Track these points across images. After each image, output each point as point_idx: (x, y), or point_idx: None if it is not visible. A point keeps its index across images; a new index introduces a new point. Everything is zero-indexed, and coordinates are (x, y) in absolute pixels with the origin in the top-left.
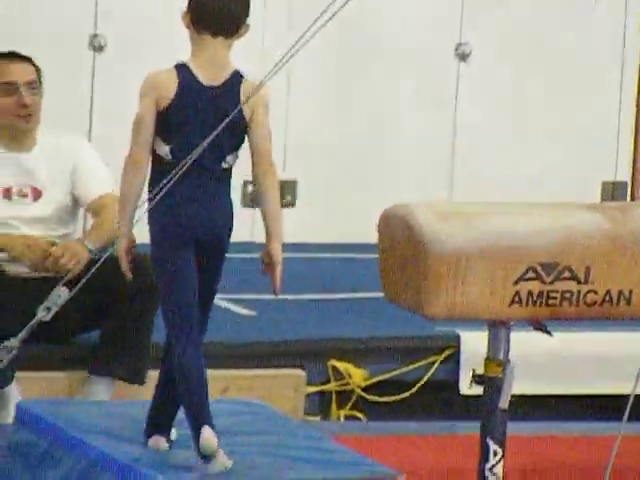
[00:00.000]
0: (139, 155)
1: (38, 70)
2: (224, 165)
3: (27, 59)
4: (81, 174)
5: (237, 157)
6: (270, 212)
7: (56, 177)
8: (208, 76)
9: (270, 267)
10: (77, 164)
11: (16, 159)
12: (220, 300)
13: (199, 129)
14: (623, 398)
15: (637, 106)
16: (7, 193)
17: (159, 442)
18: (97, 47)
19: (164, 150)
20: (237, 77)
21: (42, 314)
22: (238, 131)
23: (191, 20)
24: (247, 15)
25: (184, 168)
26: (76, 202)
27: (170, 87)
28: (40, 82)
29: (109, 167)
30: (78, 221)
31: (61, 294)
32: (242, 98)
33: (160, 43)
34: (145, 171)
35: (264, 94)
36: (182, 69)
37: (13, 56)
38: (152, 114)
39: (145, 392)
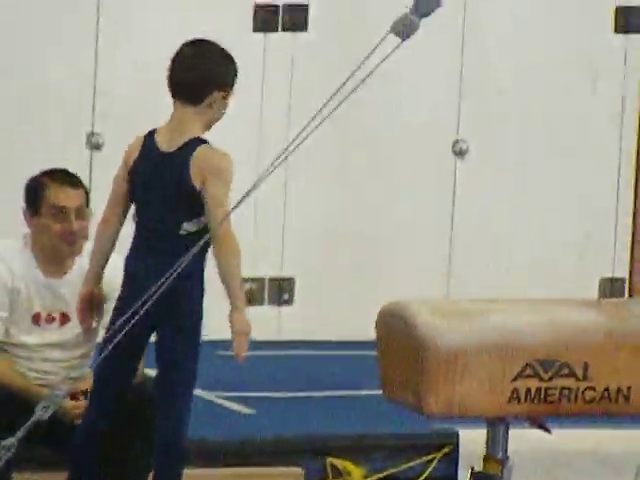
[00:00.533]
0: (107, 212)
1: (86, 192)
2: (181, 232)
3: (77, 181)
4: (109, 305)
5: (200, 224)
6: (225, 284)
7: None
8: (166, 142)
9: (232, 336)
10: (109, 292)
11: (50, 285)
12: (217, 398)
13: (156, 193)
14: None
15: (634, 204)
16: (36, 318)
17: None
18: (94, 145)
19: (134, 210)
20: (193, 144)
21: (40, 413)
22: (182, 197)
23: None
24: (210, 85)
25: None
26: (99, 323)
27: (135, 152)
28: (87, 205)
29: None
30: (96, 337)
31: (59, 393)
32: (191, 165)
33: None
34: (114, 228)
35: (212, 162)
36: (149, 135)
37: (65, 178)
38: (122, 176)
39: None
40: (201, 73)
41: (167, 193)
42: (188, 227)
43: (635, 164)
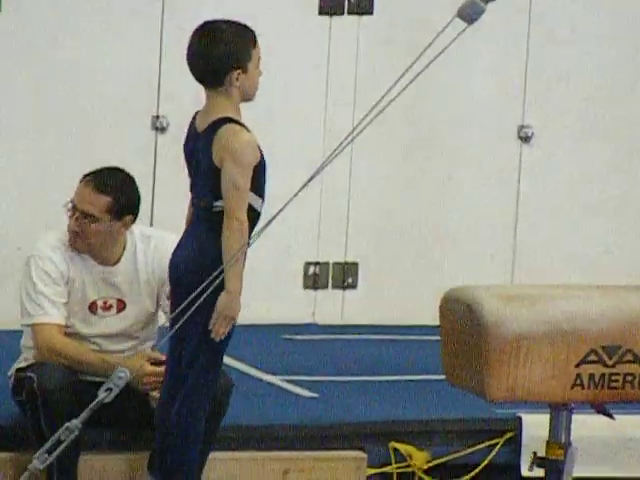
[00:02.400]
0: None
1: (115, 203)
2: (214, 209)
3: (106, 187)
4: (169, 288)
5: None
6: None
7: (142, 288)
8: (200, 123)
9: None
10: (165, 278)
11: (104, 273)
12: (281, 381)
13: (196, 171)
14: None
15: None
16: (93, 307)
17: None
18: (160, 128)
19: None
20: (218, 124)
21: (104, 395)
22: (210, 175)
23: None
24: (222, 67)
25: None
26: (158, 307)
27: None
28: (118, 216)
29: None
30: (156, 322)
31: (122, 375)
32: (214, 144)
33: None
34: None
35: (228, 142)
36: (194, 116)
37: (95, 179)
38: None
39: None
40: (210, 59)
41: (202, 172)
42: (219, 205)
43: None
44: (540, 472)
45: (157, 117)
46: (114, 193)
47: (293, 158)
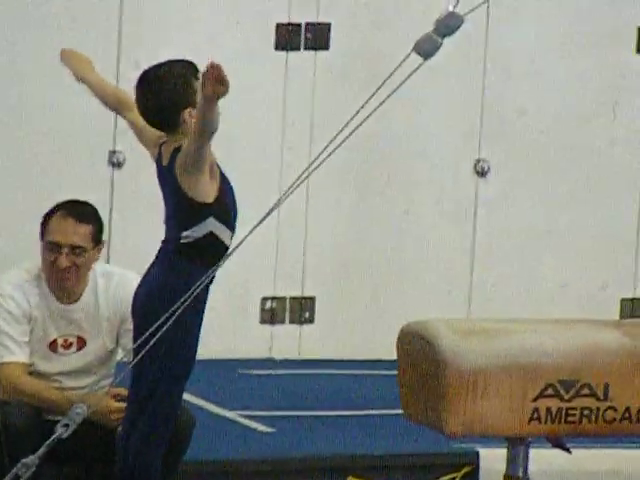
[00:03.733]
0: None
1: (97, 230)
2: (182, 240)
3: (86, 216)
4: (130, 326)
5: (198, 233)
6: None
7: (102, 325)
8: (164, 157)
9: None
10: (126, 316)
11: (64, 311)
12: (238, 416)
13: (166, 203)
14: None
15: None
16: (53, 345)
17: None
18: (116, 163)
19: None
20: (177, 153)
21: (61, 430)
22: (177, 203)
23: None
24: (172, 114)
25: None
26: (118, 344)
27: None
28: (98, 242)
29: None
30: (115, 359)
31: (79, 411)
32: (176, 171)
33: None
34: None
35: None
36: (159, 150)
37: (72, 211)
38: None
39: None
40: (159, 109)
41: (169, 202)
42: (186, 236)
43: None
44: None
45: (114, 152)
46: (92, 220)
47: (249, 193)
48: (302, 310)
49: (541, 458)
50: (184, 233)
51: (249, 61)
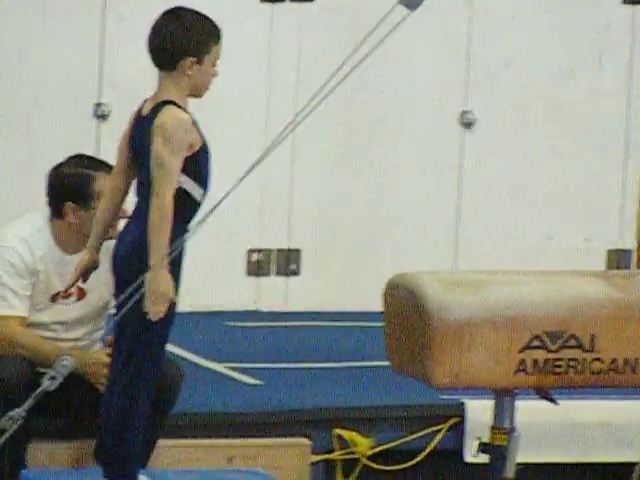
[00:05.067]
0: (107, 182)
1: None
2: (144, 191)
3: (110, 167)
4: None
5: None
6: (148, 240)
7: (102, 276)
8: (145, 108)
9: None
10: None
11: (68, 262)
12: (225, 369)
13: (139, 156)
14: (629, 466)
15: None
16: (55, 297)
17: None
18: (101, 115)
19: None
20: (160, 106)
21: (47, 383)
22: (147, 157)
23: None
24: (178, 52)
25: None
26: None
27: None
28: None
29: None
30: (105, 314)
31: (66, 364)
32: (153, 129)
33: None
34: (111, 199)
35: (160, 124)
36: (142, 103)
37: (104, 167)
38: (123, 145)
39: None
40: (168, 41)
41: (143, 154)
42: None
43: None
44: (484, 458)
45: (99, 104)
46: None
47: (235, 146)
48: (288, 262)
49: (528, 409)
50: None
51: (234, 14)
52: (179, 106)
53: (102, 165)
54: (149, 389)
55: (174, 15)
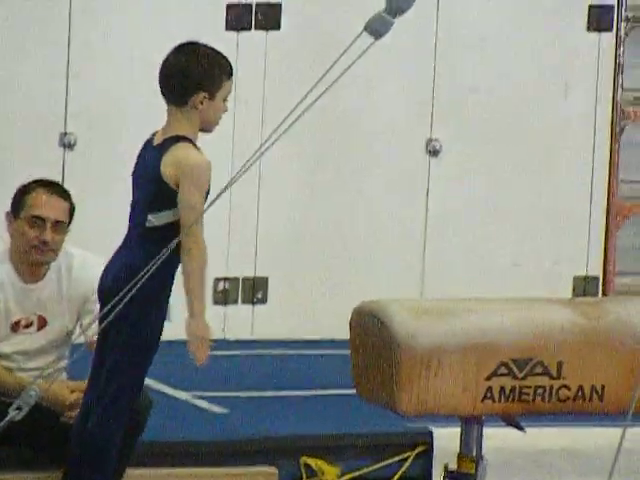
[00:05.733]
0: None
1: (72, 208)
2: (147, 224)
3: (66, 195)
4: (91, 307)
5: (165, 219)
6: (186, 288)
7: (64, 305)
8: (157, 138)
9: (188, 342)
10: (88, 296)
11: (28, 290)
12: (192, 397)
13: (138, 185)
14: None
15: (607, 203)
16: (15, 326)
17: None
18: (68, 145)
19: None
20: (174, 139)
21: (13, 413)
22: (152, 187)
23: None
24: (191, 87)
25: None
26: (75, 327)
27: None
28: (70, 221)
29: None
30: (71, 340)
31: (32, 394)
32: (166, 157)
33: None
34: None
35: (187, 163)
36: (149, 138)
37: (54, 188)
38: None
39: None
40: (181, 76)
41: (143, 183)
42: (153, 219)
43: (608, 163)
44: None
45: (65, 134)
46: (69, 199)
47: None
48: (255, 290)
49: (495, 437)
50: (150, 216)
51: (200, 41)
52: (194, 144)
53: (56, 189)
54: (124, 417)
55: (186, 50)
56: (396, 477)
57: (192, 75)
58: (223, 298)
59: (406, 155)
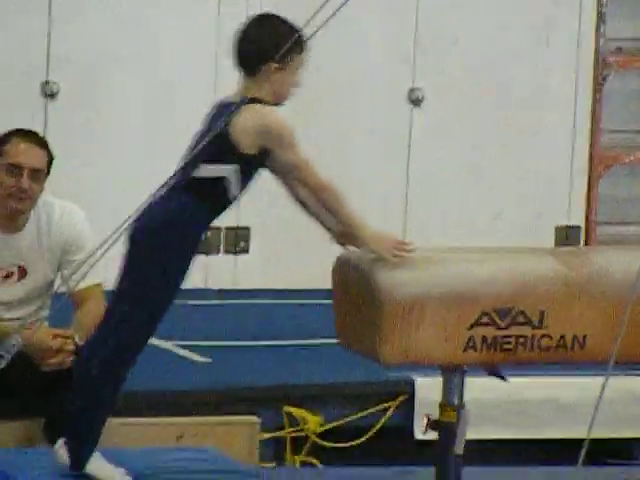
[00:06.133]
0: None
1: (51, 158)
2: (194, 173)
3: (44, 143)
4: (72, 257)
5: (214, 173)
6: (343, 223)
7: (45, 255)
8: (235, 96)
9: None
10: (69, 246)
11: (8, 240)
12: (174, 347)
13: (196, 136)
14: (578, 442)
15: (590, 152)
16: None
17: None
18: (50, 94)
19: None
20: (249, 100)
21: None
22: (216, 145)
23: None
24: (261, 56)
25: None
26: (56, 277)
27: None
28: (48, 171)
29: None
30: (52, 290)
31: (14, 343)
32: (235, 120)
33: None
34: None
35: (267, 127)
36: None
37: (32, 137)
38: None
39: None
40: (254, 44)
41: (204, 135)
42: (203, 170)
43: (591, 113)
44: (434, 435)
45: (47, 83)
46: (47, 148)
47: (183, 122)
48: (237, 240)
49: (477, 386)
50: (202, 166)
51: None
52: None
53: (34, 138)
54: (129, 364)
55: (262, 20)
56: (378, 426)
57: (264, 44)
58: (206, 248)
59: (389, 104)
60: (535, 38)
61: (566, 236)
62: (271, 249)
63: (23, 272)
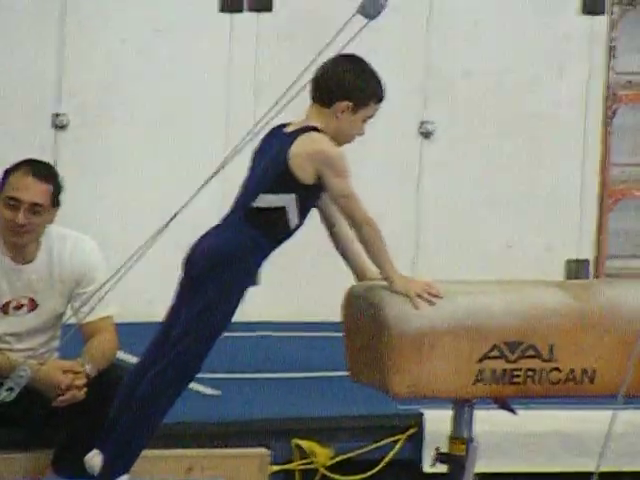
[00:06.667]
0: None
1: (57, 190)
2: (253, 204)
3: (47, 176)
4: (83, 289)
5: (274, 204)
6: (376, 264)
7: (56, 287)
8: (290, 127)
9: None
10: (80, 279)
11: (19, 271)
12: None
13: (258, 165)
14: (587, 475)
15: (600, 186)
16: (5, 307)
17: None
18: (60, 126)
19: None
20: (307, 128)
21: (5, 394)
22: (275, 175)
23: None
24: (339, 92)
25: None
26: (67, 308)
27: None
28: (57, 202)
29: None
30: (61, 321)
31: (23, 374)
32: (296, 143)
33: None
34: None
35: (322, 153)
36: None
37: (34, 169)
38: None
39: None
40: (335, 78)
41: (263, 165)
42: (262, 200)
43: (600, 147)
44: (443, 468)
45: (57, 115)
46: (52, 180)
47: (195, 155)
48: None
49: (486, 419)
50: (261, 195)
51: (193, 24)
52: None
53: (36, 170)
54: (180, 385)
55: (350, 59)
56: (387, 459)
57: (347, 81)
58: None
59: (399, 137)
60: (547, 71)
61: (576, 269)
62: (281, 281)
63: (33, 304)
